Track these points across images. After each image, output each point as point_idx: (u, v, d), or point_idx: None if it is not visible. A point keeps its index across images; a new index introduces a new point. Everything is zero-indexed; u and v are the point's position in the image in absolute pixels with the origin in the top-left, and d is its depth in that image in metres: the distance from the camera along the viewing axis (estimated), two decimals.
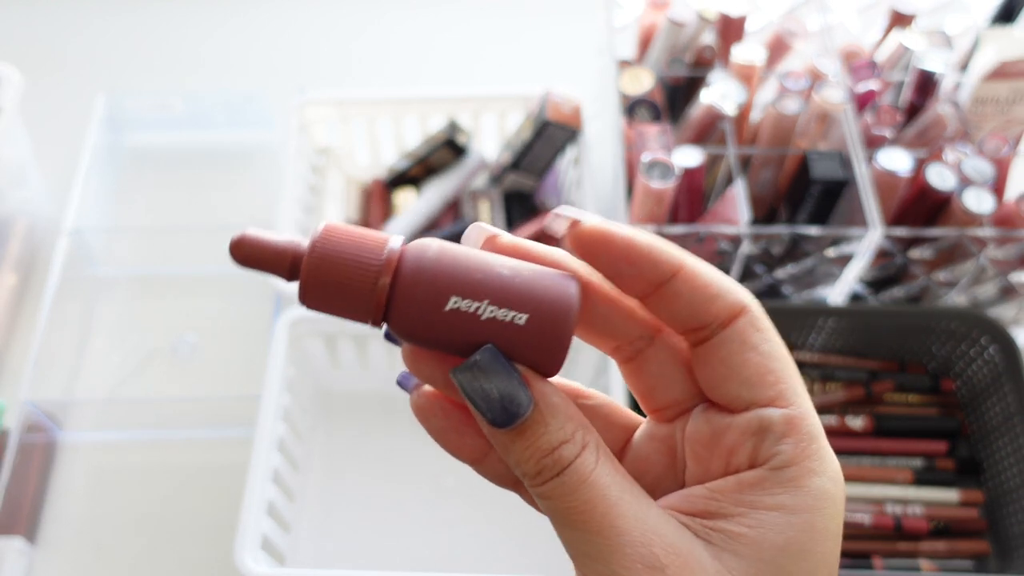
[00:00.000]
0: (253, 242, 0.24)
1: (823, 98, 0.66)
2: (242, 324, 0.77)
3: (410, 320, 0.23)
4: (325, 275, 0.23)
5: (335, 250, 0.23)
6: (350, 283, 0.23)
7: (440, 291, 0.23)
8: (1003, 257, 0.64)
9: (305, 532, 0.65)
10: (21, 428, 0.66)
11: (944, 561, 0.62)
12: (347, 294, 0.23)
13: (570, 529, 0.23)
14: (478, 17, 1.01)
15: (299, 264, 0.24)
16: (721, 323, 0.24)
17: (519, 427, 0.23)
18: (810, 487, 0.23)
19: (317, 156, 0.81)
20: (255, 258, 0.24)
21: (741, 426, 0.24)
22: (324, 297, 0.24)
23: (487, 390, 0.23)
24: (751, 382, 0.24)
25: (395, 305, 0.23)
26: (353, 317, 0.24)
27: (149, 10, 1.01)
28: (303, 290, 0.24)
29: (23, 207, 0.82)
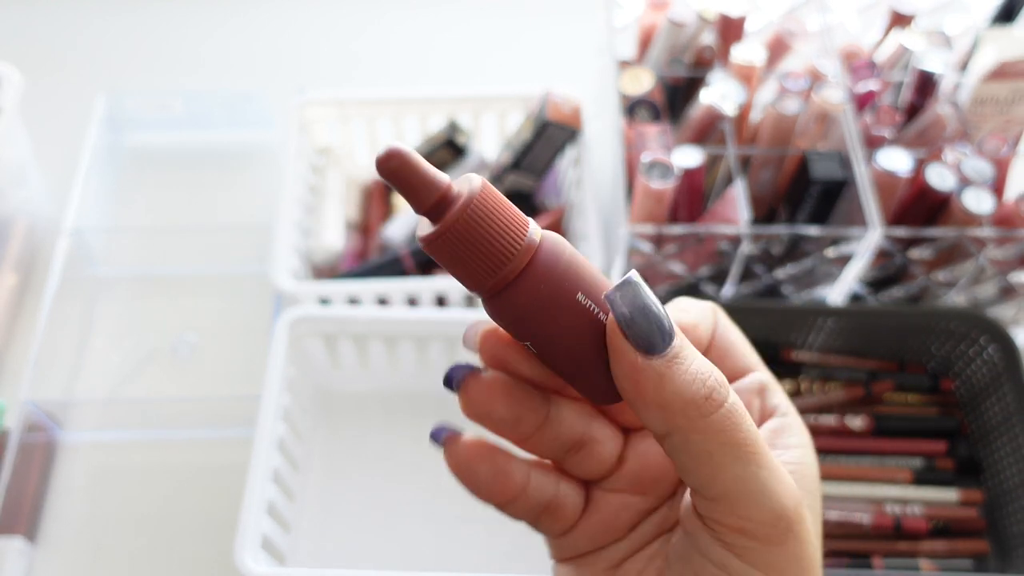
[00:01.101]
0: (408, 160, 0.22)
1: (823, 98, 0.67)
2: (242, 324, 0.77)
3: (529, 301, 0.23)
4: (470, 232, 0.23)
5: (488, 212, 0.23)
6: (486, 253, 0.23)
7: (569, 286, 0.24)
8: (1003, 257, 0.64)
9: (305, 532, 0.65)
10: (21, 428, 0.66)
11: (944, 561, 0.62)
12: (480, 258, 0.23)
13: (739, 463, 0.23)
14: (478, 17, 1.01)
15: (446, 207, 0.23)
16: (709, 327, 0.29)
17: (674, 352, 0.23)
18: (801, 425, 0.28)
19: (317, 156, 0.81)
20: (402, 177, 0.22)
21: (748, 387, 0.29)
22: (456, 251, 0.23)
23: (648, 304, 0.23)
24: (742, 355, 0.29)
25: (520, 284, 0.23)
26: (470, 279, 0.24)
27: (149, 10, 1.02)
28: (441, 236, 0.23)
29: (23, 207, 0.82)
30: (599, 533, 0.28)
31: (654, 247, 0.64)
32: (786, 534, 0.23)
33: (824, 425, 0.66)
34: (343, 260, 0.76)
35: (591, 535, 0.28)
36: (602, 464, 0.27)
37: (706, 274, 0.68)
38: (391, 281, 0.68)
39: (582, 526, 0.28)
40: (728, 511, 0.23)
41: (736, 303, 0.68)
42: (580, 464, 0.27)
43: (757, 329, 0.68)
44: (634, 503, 0.28)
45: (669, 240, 0.64)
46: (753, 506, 0.23)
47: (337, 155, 0.83)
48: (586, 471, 0.27)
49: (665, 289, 0.69)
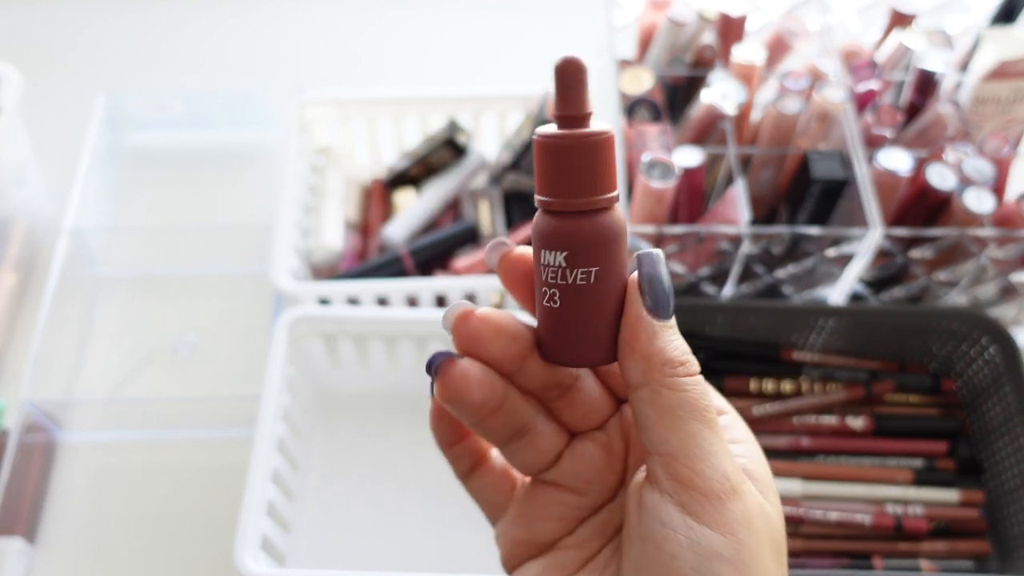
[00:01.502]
0: (583, 69, 0.26)
1: (823, 98, 0.66)
2: (242, 324, 0.77)
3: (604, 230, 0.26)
4: (601, 152, 0.26)
5: (612, 152, 0.27)
6: (605, 174, 0.26)
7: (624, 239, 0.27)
8: (1004, 257, 0.64)
9: (305, 532, 0.65)
10: (21, 428, 0.66)
11: (944, 561, 0.62)
12: (596, 176, 0.26)
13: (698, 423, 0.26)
14: (478, 17, 1.01)
15: (583, 123, 0.26)
16: None
17: (670, 323, 0.27)
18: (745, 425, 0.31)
19: (317, 156, 0.81)
20: (571, 81, 0.26)
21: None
22: (583, 159, 0.26)
23: (665, 277, 0.27)
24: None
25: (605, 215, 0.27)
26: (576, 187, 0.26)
27: (149, 10, 1.02)
28: (583, 139, 0.26)
29: (23, 207, 0.82)
30: (534, 520, 0.30)
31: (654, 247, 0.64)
32: (732, 494, 0.26)
33: (825, 425, 0.66)
34: (343, 260, 0.76)
35: (526, 520, 0.30)
36: (541, 456, 0.29)
37: (706, 274, 0.68)
38: (391, 281, 0.68)
39: (518, 511, 0.30)
40: (681, 464, 0.26)
41: (736, 303, 0.68)
42: (520, 451, 0.29)
43: (757, 329, 0.68)
44: (569, 499, 0.30)
45: (669, 240, 0.64)
46: (704, 462, 0.26)
47: (337, 155, 0.82)
48: (525, 460, 0.30)
49: None
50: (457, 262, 0.72)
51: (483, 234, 0.76)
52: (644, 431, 0.27)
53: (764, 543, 0.26)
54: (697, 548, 0.25)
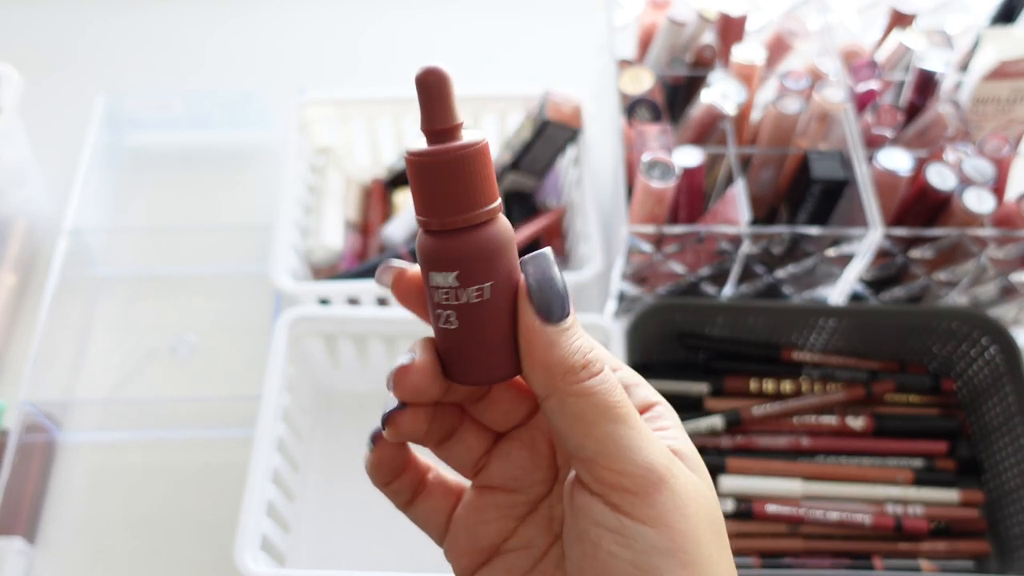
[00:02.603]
0: (445, 80, 0.25)
1: (823, 98, 0.66)
2: (242, 324, 0.77)
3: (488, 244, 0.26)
4: (472, 165, 0.25)
5: (487, 161, 0.26)
6: (479, 188, 0.26)
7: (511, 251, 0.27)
8: (1004, 257, 0.64)
9: (305, 532, 0.65)
10: (21, 428, 0.66)
11: (944, 561, 0.62)
12: (469, 191, 0.25)
13: (613, 423, 0.26)
14: (478, 17, 1.01)
15: (452, 137, 0.25)
16: None
17: (565, 325, 0.26)
18: (674, 414, 0.30)
19: (317, 156, 0.81)
20: (436, 91, 0.25)
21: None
22: (452, 175, 0.25)
23: (556, 278, 0.26)
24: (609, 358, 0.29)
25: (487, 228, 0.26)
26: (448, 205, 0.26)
27: (149, 10, 1.02)
28: (447, 154, 0.25)
29: (23, 207, 0.82)
30: (474, 526, 0.30)
31: (654, 247, 0.64)
32: (659, 484, 0.25)
33: (825, 425, 0.66)
34: (343, 260, 0.76)
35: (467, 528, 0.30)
36: (470, 454, 0.30)
37: (706, 274, 0.68)
38: None
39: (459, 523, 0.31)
40: (603, 467, 0.25)
41: (736, 303, 0.68)
42: (453, 449, 0.30)
43: (757, 329, 0.68)
44: (503, 499, 0.30)
45: (669, 240, 0.64)
46: (624, 460, 0.25)
47: (337, 155, 0.82)
48: (459, 457, 0.30)
49: (666, 289, 0.69)
50: None
51: None
52: (560, 439, 0.26)
53: (701, 526, 0.26)
54: (633, 544, 0.25)
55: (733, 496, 0.63)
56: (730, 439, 0.65)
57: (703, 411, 0.66)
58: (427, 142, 0.25)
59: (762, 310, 0.67)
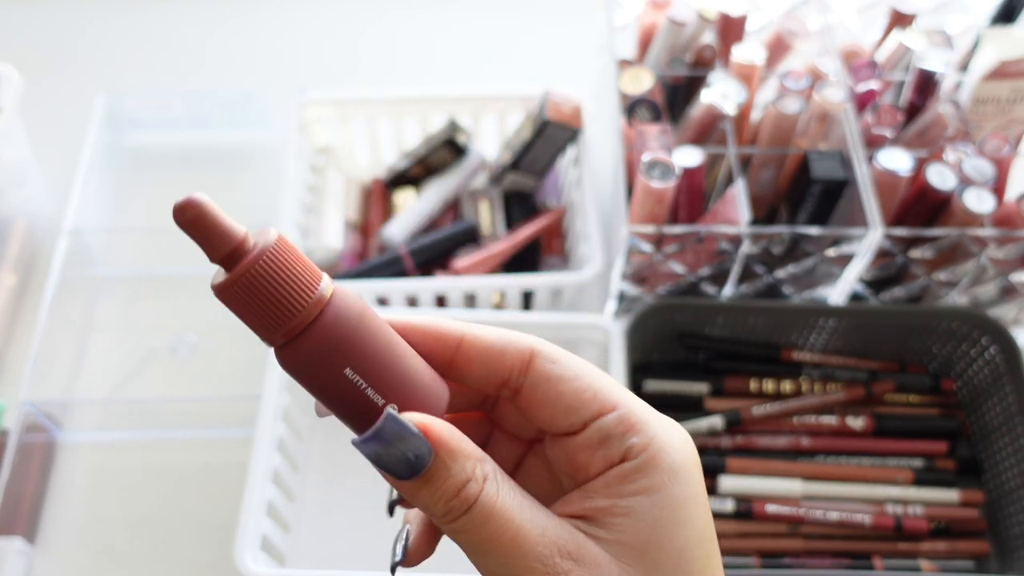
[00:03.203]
0: (202, 210, 0.23)
1: (823, 98, 0.66)
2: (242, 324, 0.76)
3: (305, 363, 0.24)
4: (260, 283, 0.23)
5: (279, 266, 0.24)
6: (275, 304, 0.24)
7: (341, 358, 0.24)
8: (1003, 257, 0.64)
9: (305, 532, 0.65)
10: (21, 428, 0.66)
11: (944, 561, 0.62)
12: (265, 312, 0.24)
13: (483, 556, 0.25)
14: (478, 17, 1.01)
15: (238, 257, 0.24)
16: (520, 371, 0.27)
17: (423, 477, 0.25)
18: (662, 464, 0.25)
19: (317, 156, 0.81)
20: (198, 227, 0.23)
21: (586, 443, 0.26)
22: (244, 301, 0.24)
23: (390, 453, 0.25)
24: (573, 408, 0.27)
25: (301, 343, 0.24)
26: (257, 329, 0.25)
27: (149, 10, 1.01)
28: (230, 286, 0.24)
29: (23, 207, 0.82)
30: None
31: (654, 247, 0.64)
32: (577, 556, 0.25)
33: (825, 425, 0.66)
34: (343, 260, 0.76)
35: None
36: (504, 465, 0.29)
37: (706, 274, 0.68)
38: (391, 281, 0.68)
39: None
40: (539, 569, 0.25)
41: (736, 303, 0.68)
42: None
43: (757, 329, 0.68)
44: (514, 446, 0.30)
45: (669, 240, 0.64)
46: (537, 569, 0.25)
47: (337, 155, 0.82)
48: None
49: (666, 289, 0.69)
50: (457, 262, 0.72)
51: (483, 234, 0.76)
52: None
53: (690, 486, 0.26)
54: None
55: (733, 496, 0.63)
56: (730, 439, 0.65)
57: (703, 411, 0.66)
58: (223, 271, 0.24)
59: (762, 310, 0.67)
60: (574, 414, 0.26)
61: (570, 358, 0.27)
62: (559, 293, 0.71)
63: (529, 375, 0.27)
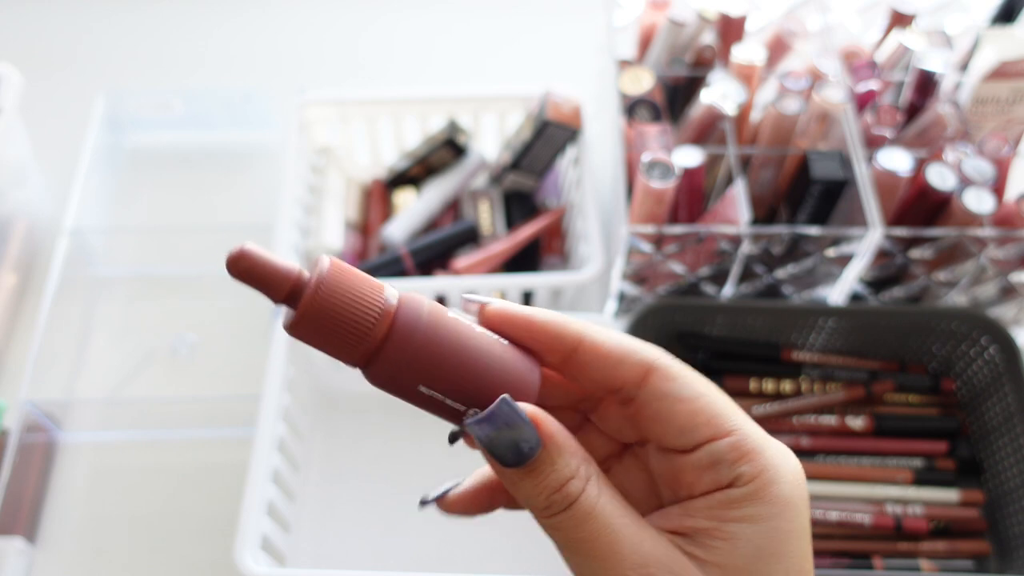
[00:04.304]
0: (253, 259, 0.24)
1: (823, 98, 0.66)
2: (242, 324, 0.77)
3: (391, 377, 0.25)
4: (325, 313, 0.24)
5: (338, 291, 0.24)
6: (346, 329, 0.24)
7: (413, 376, 0.25)
8: (1003, 257, 0.64)
9: (305, 532, 0.65)
10: (21, 428, 0.66)
11: (944, 561, 0.62)
12: (339, 338, 0.24)
13: (577, 556, 0.25)
14: (478, 17, 1.01)
15: (298, 293, 0.24)
16: (635, 384, 0.27)
17: (528, 466, 0.25)
18: (770, 495, 0.25)
19: (317, 156, 0.81)
20: (253, 275, 0.24)
21: (695, 463, 0.26)
22: (316, 333, 0.24)
23: (500, 437, 0.25)
24: (687, 429, 0.26)
25: (381, 360, 0.25)
26: (340, 356, 0.25)
27: (149, 10, 1.02)
28: (300, 322, 0.24)
29: (23, 207, 0.82)
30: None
31: (654, 247, 0.64)
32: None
33: (825, 425, 0.66)
34: (343, 260, 0.76)
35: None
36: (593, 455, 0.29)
37: (706, 274, 0.68)
38: (391, 281, 0.68)
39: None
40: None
41: (736, 303, 0.68)
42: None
43: (757, 329, 0.68)
44: None
45: (669, 240, 0.64)
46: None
47: (337, 155, 0.82)
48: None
49: (666, 289, 0.69)
50: (457, 262, 0.72)
51: (483, 234, 0.76)
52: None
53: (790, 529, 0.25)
54: None
55: None
56: None
57: None
58: (289, 310, 0.25)
59: (762, 310, 0.67)
60: (687, 435, 0.26)
61: (690, 376, 0.27)
62: (559, 293, 0.72)
63: (645, 389, 0.27)
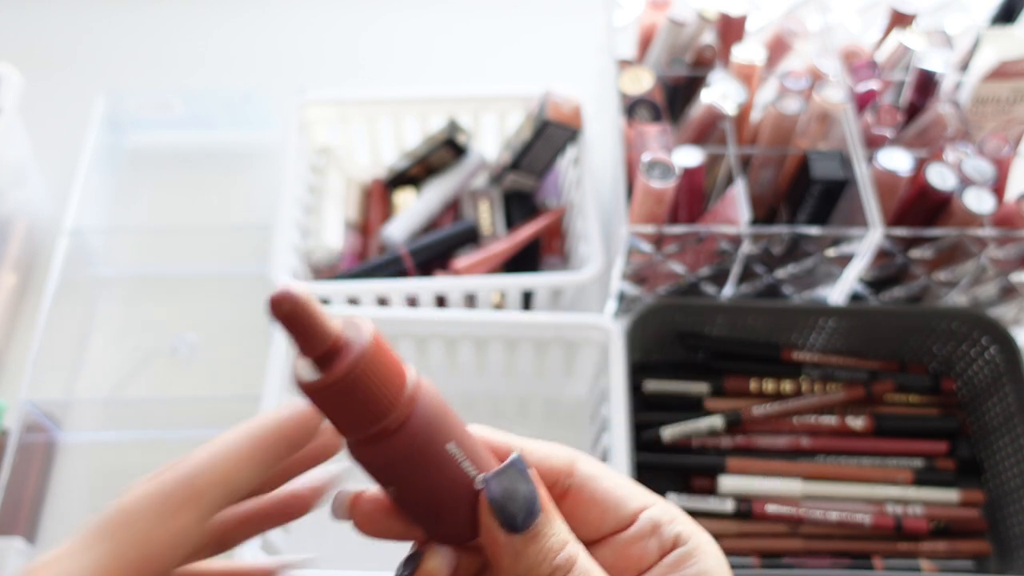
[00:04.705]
0: (299, 305, 0.22)
1: (823, 98, 0.66)
2: (242, 324, 0.77)
3: (405, 449, 0.24)
4: (356, 386, 0.23)
5: (375, 367, 0.23)
6: (373, 402, 0.23)
7: (442, 436, 0.25)
8: (1003, 257, 0.64)
9: (305, 532, 0.65)
10: (21, 428, 0.66)
11: (945, 561, 0.62)
12: (363, 409, 0.24)
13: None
14: (478, 17, 1.01)
15: (333, 356, 0.23)
16: (566, 474, 0.28)
17: (533, 530, 0.25)
18: (709, 549, 0.27)
19: (317, 156, 0.81)
20: (294, 322, 0.22)
21: (638, 534, 0.27)
22: (339, 401, 0.23)
23: (519, 491, 0.25)
24: (622, 500, 0.28)
25: (398, 435, 0.24)
26: (348, 427, 0.24)
27: (149, 10, 1.01)
28: (324, 389, 0.23)
29: (23, 207, 0.82)
30: None
31: (654, 247, 0.64)
32: None
33: (825, 425, 0.66)
34: (343, 260, 0.76)
35: None
36: None
37: (706, 274, 0.68)
38: (391, 281, 0.68)
39: None
40: None
41: (736, 303, 0.68)
42: None
43: (757, 329, 0.68)
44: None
45: (669, 240, 0.64)
46: None
47: (337, 155, 0.82)
48: None
49: (666, 289, 0.69)
50: (457, 262, 0.72)
51: (483, 234, 0.76)
52: None
53: None
54: None
55: (733, 496, 0.63)
56: (730, 439, 0.65)
57: (703, 411, 0.66)
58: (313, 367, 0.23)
59: (762, 310, 0.67)
60: (623, 506, 0.28)
61: (601, 466, 0.29)
62: (559, 293, 0.72)
63: (575, 477, 0.28)
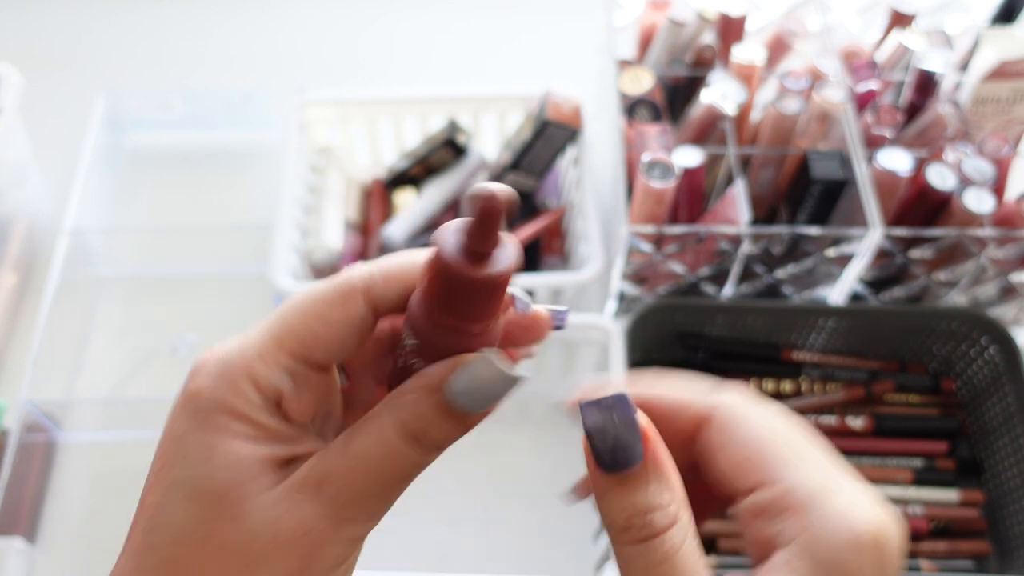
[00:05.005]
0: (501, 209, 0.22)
1: (823, 98, 0.66)
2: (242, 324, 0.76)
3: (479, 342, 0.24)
4: (497, 287, 0.23)
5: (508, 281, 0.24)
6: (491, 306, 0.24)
7: None
8: (1003, 257, 0.64)
9: None
10: (21, 428, 0.66)
11: (944, 561, 0.62)
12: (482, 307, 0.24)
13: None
14: (478, 17, 1.01)
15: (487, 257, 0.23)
16: (691, 439, 0.26)
17: (623, 475, 0.24)
18: (817, 554, 0.23)
19: (317, 156, 0.81)
20: (493, 217, 0.22)
21: (743, 514, 0.25)
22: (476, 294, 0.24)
23: (609, 430, 0.24)
24: (733, 475, 0.25)
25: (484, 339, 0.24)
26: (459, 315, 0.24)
27: (149, 10, 1.02)
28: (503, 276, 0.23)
29: (23, 207, 0.82)
30: None
31: (654, 247, 0.64)
32: None
33: (825, 425, 0.66)
34: (343, 260, 0.76)
35: None
36: None
37: (706, 274, 0.68)
38: None
39: None
40: None
41: (736, 303, 0.68)
42: None
43: (757, 329, 0.68)
44: None
45: (669, 240, 0.64)
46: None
47: (337, 155, 0.82)
48: None
49: (666, 289, 0.69)
50: None
51: None
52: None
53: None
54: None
55: None
56: None
57: None
58: (465, 255, 0.23)
59: (762, 310, 0.67)
60: (732, 482, 0.25)
61: (752, 416, 0.26)
62: (559, 293, 0.71)
63: (701, 437, 0.26)
